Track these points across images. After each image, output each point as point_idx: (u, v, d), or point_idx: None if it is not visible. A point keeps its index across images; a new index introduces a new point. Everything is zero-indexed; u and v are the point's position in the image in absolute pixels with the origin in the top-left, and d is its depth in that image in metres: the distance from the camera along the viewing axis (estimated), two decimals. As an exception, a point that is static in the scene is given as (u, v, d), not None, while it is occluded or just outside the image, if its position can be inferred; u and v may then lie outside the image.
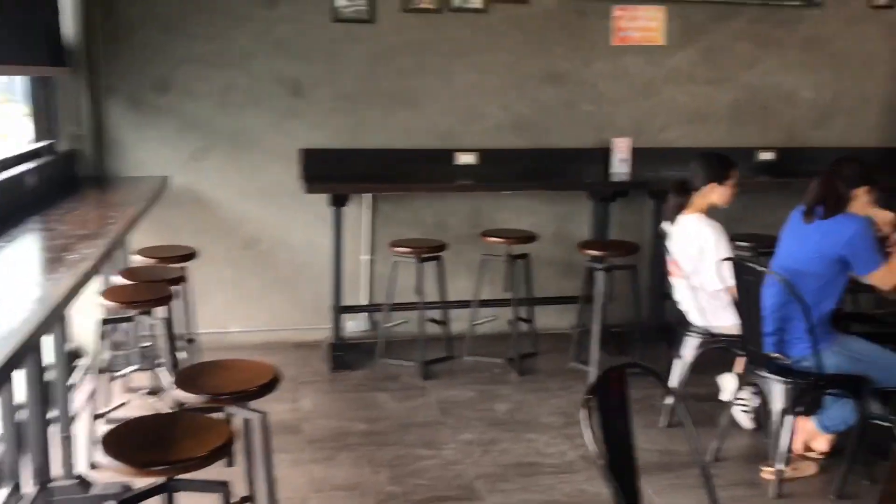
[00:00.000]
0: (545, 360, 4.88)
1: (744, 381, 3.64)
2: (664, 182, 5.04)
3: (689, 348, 3.94)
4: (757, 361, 3.42)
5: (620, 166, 5.17)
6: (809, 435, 3.61)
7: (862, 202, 3.39)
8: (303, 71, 4.90)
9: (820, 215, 3.32)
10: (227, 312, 5.03)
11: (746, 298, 3.37)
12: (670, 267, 4.01)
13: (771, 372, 3.37)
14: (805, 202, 3.40)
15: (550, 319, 5.28)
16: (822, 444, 3.63)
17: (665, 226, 4.05)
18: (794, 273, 3.28)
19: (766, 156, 5.44)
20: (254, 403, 2.60)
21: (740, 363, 4.16)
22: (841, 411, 3.48)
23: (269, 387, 2.54)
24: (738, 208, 5.41)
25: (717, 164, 3.94)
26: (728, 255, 3.64)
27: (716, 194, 3.91)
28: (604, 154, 5.20)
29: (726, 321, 3.76)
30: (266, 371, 2.62)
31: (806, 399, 3.37)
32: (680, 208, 3.94)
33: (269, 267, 5.09)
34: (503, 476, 3.53)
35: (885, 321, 4.53)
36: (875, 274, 3.29)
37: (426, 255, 4.62)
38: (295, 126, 4.94)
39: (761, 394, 3.82)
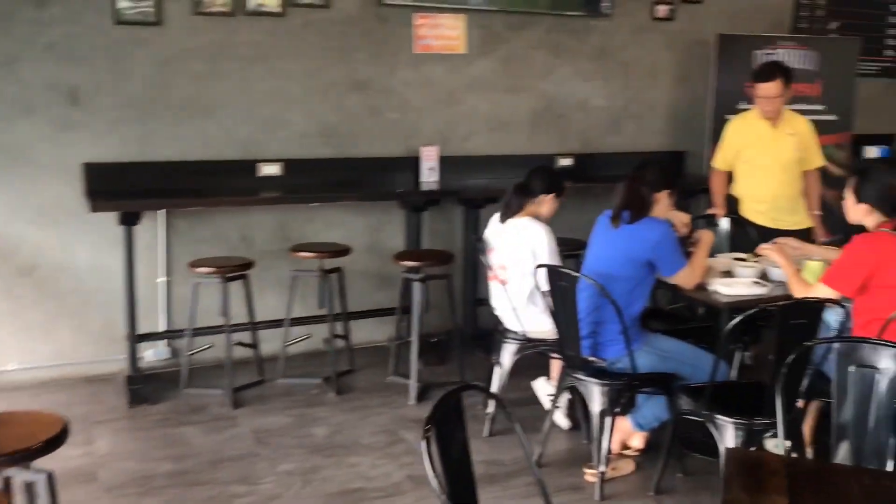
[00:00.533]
0: (363, 377, 4.73)
1: (561, 385, 3.67)
2: (472, 190, 5.08)
3: (508, 354, 3.94)
4: (574, 365, 3.46)
5: (429, 175, 5.12)
6: (625, 434, 3.71)
7: (664, 205, 3.53)
8: (81, 77, 4.43)
9: (626, 220, 3.41)
10: (2, 349, 4.45)
11: (562, 303, 3.40)
12: (494, 270, 3.97)
13: (588, 375, 3.42)
14: (611, 207, 3.48)
15: (367, 333, 5.13)
16: (637, 441, 3.74)
17: (493, 225, 4.01)
18: (605, 277, 3.35)
19: (564, 162, 5.60)
20: (38, 462, 2.24)
21: (556, 367, 4.23)
22: (653, 409, 3.60)
23: (56, 441, 2.20)
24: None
25: (557, 178, 4.05)
26: (555, 261, 3.69)
27: (547, 205, 3.96)
28: (412, 163, 5.13)
29: (543, 326, 3.79)
30: (51, 422, 2.26)
31: (623, 399, 3.45)
32: (514, 210, 3.92)
33: (51, 295, 4.55)
34: (328, 506, 3.34)
35: (681, 315, 4.77)
36: (679, 274, 3.43)
37: (231, 275, 4.32)
38: (75, 138, 4.46)
39: (578, 396, 3.90)
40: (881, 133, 6.41)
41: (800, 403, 3.08)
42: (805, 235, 4.48)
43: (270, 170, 4.87)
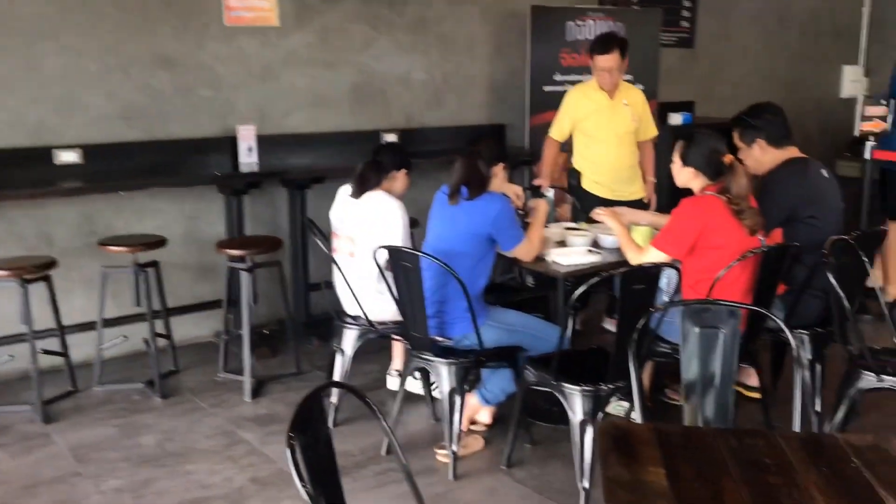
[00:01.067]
0: (191, 376, 4.40)
1: (407, 368, 3.56)
2: (296, 170, 4.85)
3: (350, 341, 3.78)
4: (421, 346, 3.37)
5: (248, 156, 4.82)
6: (473, 410, 3.68)
7: (500, 178, 3.49)
8: None
9: (465, 196, 3.35)
10: None
11: (406, 284, 3.28)
12: (340, 244, 3.78)
13: (436, 355, 3.34)
14: (448, 184, 3.39)
15: (190, 330, 4.79)
16: (485, 416, 3.72)
17: (342, 199, 3.81)
18: (447, 254, 3.27)
19: (389, 137, 5.47)
20: None
21: (399, 351, 4.14)
22: (499, 383, 3.59)
23: None
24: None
25: (406, 154, 3.91)
26: (407, 239, 3.57)
27: (399, 181, 3.83)
28: (229, 143, 4.81)
29: (386, 308, 3.67)
30: None
31: (471, 377, 3.40)
32: (372, 185, 3.74)
33: None
34: (165, 522, 3.06)
35: (512, 287, 4.81)
36: (518, 248, 3.42)
37: (30, 276, 3.85)
38: None
39: (427, 377, 3.82)
40: (682, 101, 6.77)
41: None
42: (642, 205, 4.64)
43: (68, 157, 4.39)
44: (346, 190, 3.82)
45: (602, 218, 3.62)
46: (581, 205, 4.64)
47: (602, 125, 4.58)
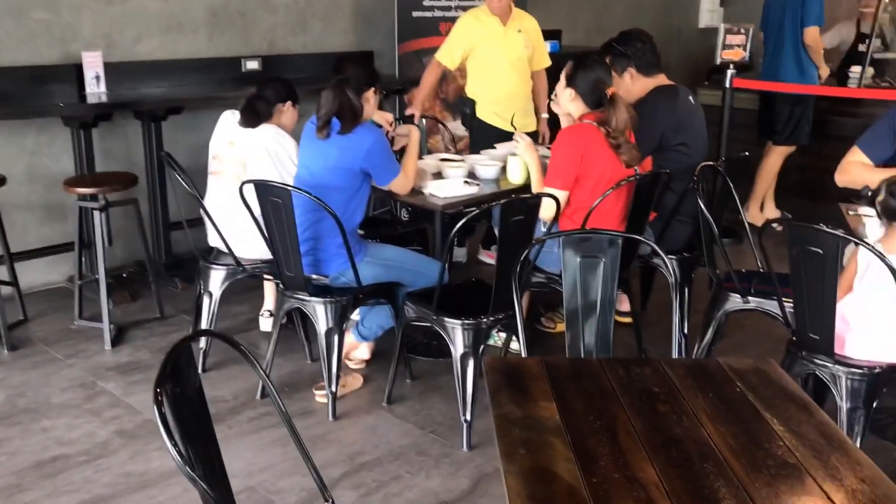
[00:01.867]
0: (42, 326, 4.06)
1: (280, 308, 3.40)
2: (150, 101, 4.50)
3: (216, 282, 3.58)
4: (295, 286, 3.22)
5: (95, 85, 4.42)
6: (349, 347, 3.58)
7: (371, 105, 3.33)
8: None
9: (337, 129, 3.17)
10: None
11: (277, 220, 3.10)
12: (223, 167, 3.57)
13: (312, 294, 3.20)
14: (318, 115, 3.20)
15: (39, 276, 4.43)
16: (363, 352, 3.64)
17: (228, 125, 3.57)
18: (320, 189, 3.11)
19: (251, 65, 5.17)
20: None
21: (271, 291, 3.97)
22: (376, 318, 3.50)
23: None
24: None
25: (292, 86, 3.69)
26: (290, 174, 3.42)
27: (287, 115, 3.63)
28: (73, 71, 4.39)
29: (255, 246, 3.48)
30: None
31: (349, 315, 3.29)
32: (264, 117, 3.53)
33: None
34: (21, 485, 2.82)
35: (385, 220, 4.70)
36: (394, 182, 3.29)
37: None
38: None
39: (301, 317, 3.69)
40: (547, 29, 6.73)
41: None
42: (536, 138, 4.58)
43: None
44: (231, 116, 3.57)
45: (521, 149, 3.50)
46: (476, 135, 4.54)
47: (495, 52, 4.45)
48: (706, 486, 1.42)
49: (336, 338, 3.21)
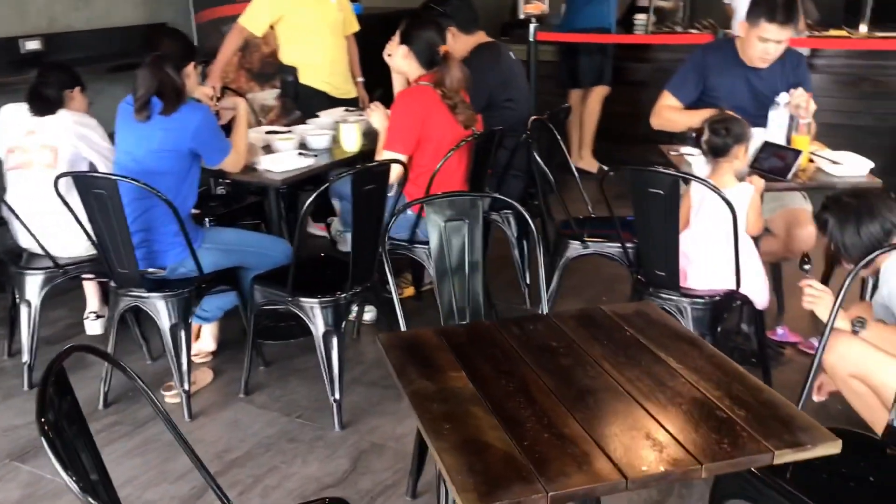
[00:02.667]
0: None
1: (115, 309, 3.12)
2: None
3: (34, 288, 3.23)
4: (130, 282, 2.97)
5: None
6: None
7: (192, 80, 3.11)
8: None
9: (159, 109, 2.92)
10: None
11: (102, 214, 2.83)
12: (30, 158, 3.23)
13: (150, 290, 2.97)
14: (135, 96, 2.93)
15: None
16: (208, 344, 3.44)
17: (18, 119, 3.23)
18: (145, 175, 2.86)
19: (31, 45, 4.66)
20: None
21: (94, 292, 3.66)
22: (215, 300, 3.32)
23: None
24: None
25: (73, 70, 3.38)
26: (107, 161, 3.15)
27: (77, 101, 3.31)
28: None
29: (74, 243, 3.18)
30: None
31: (194, 307, 3.09)
32: (56, 105, 3.22)
33: None
34: None
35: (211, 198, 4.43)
36: (226, 160, 3.11)
37: None
38: None
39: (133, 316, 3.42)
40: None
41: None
42: (356, 104, 4.45)
43: None
44: (16, 108, 3.23)
45: (374, 114, 3.37)
46: (303, 102, 4.34)
47: (312, 17, 4.27)
48: (632, 428, 1.46)
49: (182, 333, 3.00)
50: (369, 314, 3.71)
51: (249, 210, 3.99)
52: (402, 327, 2.24)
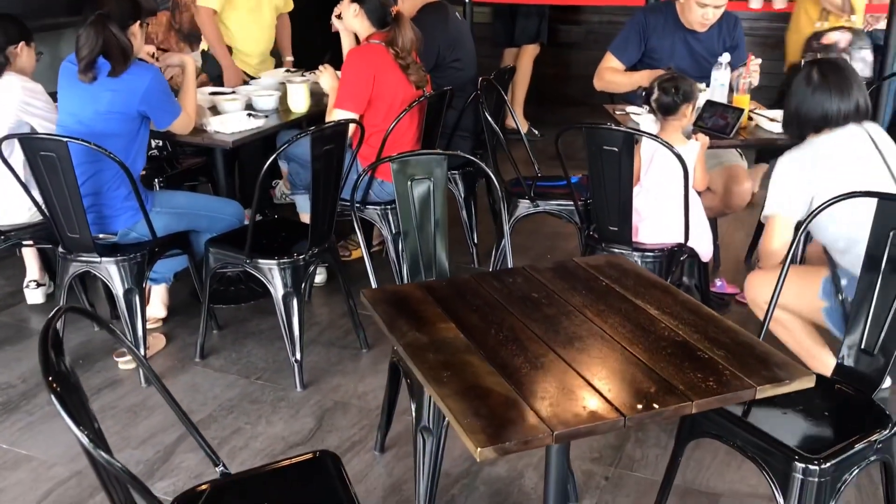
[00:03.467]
0: None
1: (64, 276, 3.04)
2: None
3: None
4: (81, 247, 2.89)
5: None
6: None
7: (138, 40, 3.01)
8: None
9: (106, 71, 2.83)
10: None
11: (51, 177, 2.74)
12: None
13: (102, 255, 2.90)
14: (79, 56, 2.83)
15: None
16: (158, 310, 3.39)
17: None
18: (93, 136, 2.78)
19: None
20: None
21: (32, 256, 3.55)
22: (169, 262, 3.27)
23: None
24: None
25: (21, 22, 3.23)
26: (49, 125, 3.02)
27: (25, 57, 3.19)
28: None
29: (13, 211, 3.09)
30: None
31: (147, 272, 3.03)
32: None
33: None
34: None
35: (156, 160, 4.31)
36: (176, 122, 3.04)
37: None
38: None
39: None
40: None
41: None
42: None
43: None
44: None
45: (324, 75, 3.33)
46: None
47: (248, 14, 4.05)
48: (623, 370, 1.54)
49: (136, 298, 2.95)
50: (319, 276, 3.71)
51: (198, 171, 3.91)
52: (373, 284, 2.27)
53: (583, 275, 1.93)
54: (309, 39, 5.63)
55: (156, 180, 3.63)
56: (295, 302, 2.92)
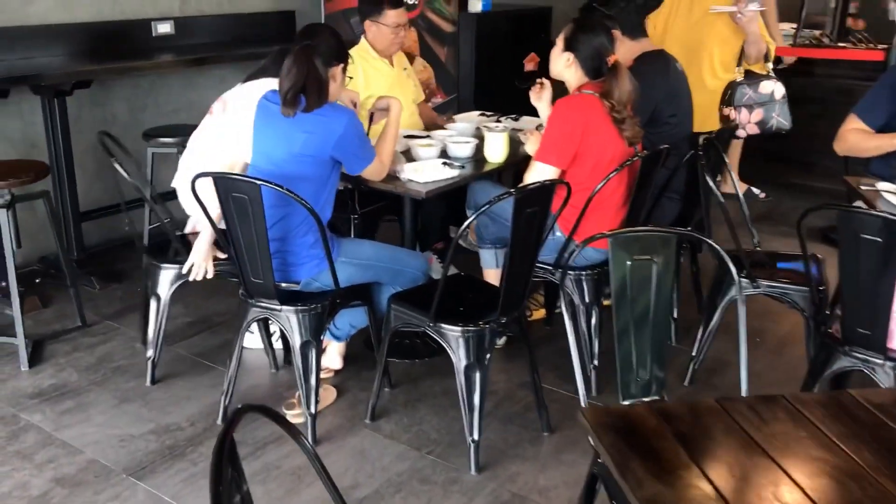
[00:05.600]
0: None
1: (246, 322, 2.90)
2: (53, 73, 3.82)
3: (166, 283, 3.05)
4: (263, 293, 2.75)
5: (-20, 55, 3.73)
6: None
7: (338, 83, 2.84)
8: None
9: (302, 107, 2.68)
10: None
11: (241, 220, 2.61)
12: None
13: (284, 303, 2.75)
14: (282, 89, 2.71)
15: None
16: (335, 361, 3.22)
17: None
18: (284, 179, 2.62)
19: (163, 28, 4.54)
20: None
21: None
22: (348, 316, 3.09)
23: None
24: (143, 93, 4.53)
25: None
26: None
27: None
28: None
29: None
30: None
31: (328, 324, 2.86)
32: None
33: None
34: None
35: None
36: (368, 168, 2.85)
37: None
38: None
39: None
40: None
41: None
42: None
43: None
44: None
45: (530, 141, 3.10)
46: None
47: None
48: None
49: (313, 351, 2.77)
50: (500, 339, 3.43)
51: (383, 209, 3.73)
52: (582, 400, 1.94)
53: (865, 417, 1.51)
54: (502, 80, 5.44)
55: (352, 216, 3.47)
56: (478, 376, 2.63)
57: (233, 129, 2.96)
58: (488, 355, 2.66)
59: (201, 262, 2.92)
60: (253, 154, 2.83)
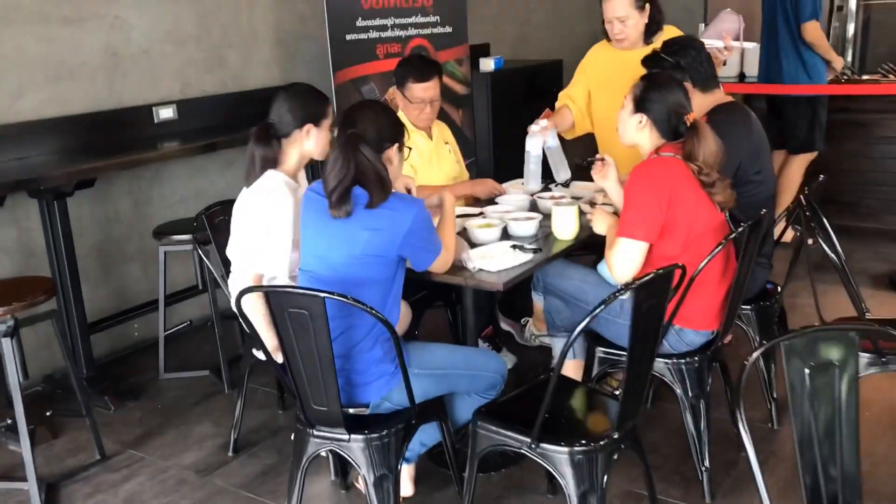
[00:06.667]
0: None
1: (302, 458, 2.46)
2: (52, 173, 3.41)
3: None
4: (329, 421, 2.31)
5: (-31, 159, 3.32)
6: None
7: (395, 167, 2.46)
8: None
9: (363, 204, 2.29)
10: None
11: (300, 339, 2.18)
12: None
13: (352, 432, 2.31)
14: (327, 186, 2.31)
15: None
16: (406, 488, 2.75)
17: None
18: (344, 286, 2.23)
19: (165, 113, 4.16)
20: None
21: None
22: (421, 434, 2.64)
23: None
24: (147, 185, 4.14)
25: (318, 96, 2.74)
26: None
27: (318, 138, 2.69)
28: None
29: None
30: None
31: (405, 452, 2.41)
32: (261, 164, 2.65)
33: None
34: None
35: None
36: (435, 262, 2.45)
37: None
38: None
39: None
40: (478, 43, 6.04)
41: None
42: None
43: None
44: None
45: (597, 218, 2.74)
46: None
47: (427, 178, 3.31)
48: None
49: (390, 487, 2.33)
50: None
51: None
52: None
53: None
54: (520, 139, 5.09)
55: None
56: (593, 501, 2.20)
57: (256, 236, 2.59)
58: (605, 477, 2.23)
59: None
60: (303, 256, 2.43)
